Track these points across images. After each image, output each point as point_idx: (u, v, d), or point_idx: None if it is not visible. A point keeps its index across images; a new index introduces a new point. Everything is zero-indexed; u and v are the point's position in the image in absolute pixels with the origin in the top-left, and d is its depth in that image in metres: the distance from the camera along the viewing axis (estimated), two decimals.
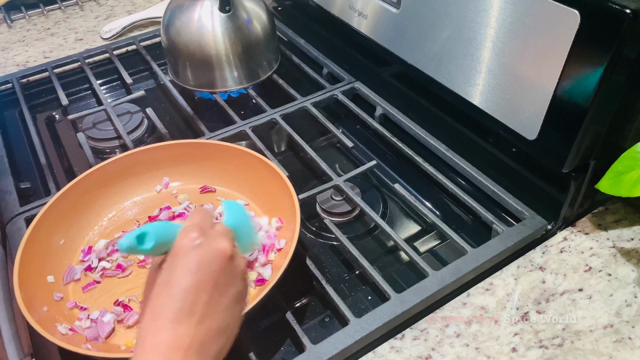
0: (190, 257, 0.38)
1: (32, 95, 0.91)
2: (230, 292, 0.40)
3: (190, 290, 0.37)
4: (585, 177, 0.58)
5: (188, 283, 0.37)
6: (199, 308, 0.37)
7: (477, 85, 0.61)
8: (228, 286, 0.39)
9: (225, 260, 0.39)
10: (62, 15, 1.13)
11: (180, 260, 0.38)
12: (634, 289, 0.55)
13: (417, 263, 0.56)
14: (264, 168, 0.63)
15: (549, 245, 0.60)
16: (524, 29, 0.53)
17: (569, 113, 0.52)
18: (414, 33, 0.68)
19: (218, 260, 0.39)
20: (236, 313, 0.41)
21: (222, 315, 0.39)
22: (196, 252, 0.38)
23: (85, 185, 0.62)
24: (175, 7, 0.81)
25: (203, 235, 0.39)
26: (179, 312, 0.37)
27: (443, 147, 0.70)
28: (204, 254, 0.38)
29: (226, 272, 0.39)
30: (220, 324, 0.39)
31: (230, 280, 0.40)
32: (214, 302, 0.38)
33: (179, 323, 0.36)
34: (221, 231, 0.41)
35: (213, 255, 0.39)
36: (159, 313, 0.37)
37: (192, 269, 0.38)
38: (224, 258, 0.39)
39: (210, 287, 0.38)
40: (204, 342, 0.37)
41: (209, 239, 0.39)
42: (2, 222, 0.66)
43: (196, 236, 0.39)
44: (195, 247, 0.38)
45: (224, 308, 0.39)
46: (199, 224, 0.40)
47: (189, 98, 0.85)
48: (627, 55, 0.47)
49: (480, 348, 0.51)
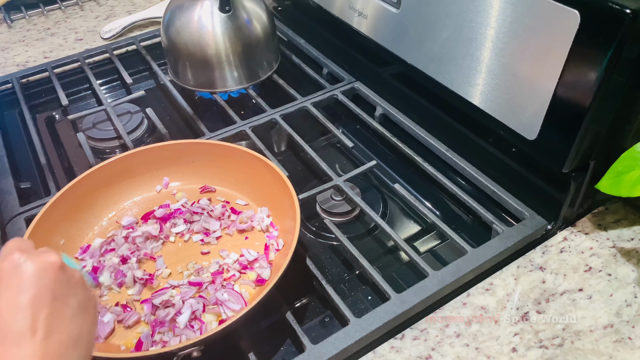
0: (19, 275, 0.36)
1: (32, 95, 0.91)
2: (72, 301, 0.38)
3: (26, 309, 0.35)
4: (585, 177, 0.58)
5: (22, 302, 0.35)
6: (42, 323, 0.35)
7: (477, 85, 0.61)
8: (68, 296, 0.38)
9: (58, 271, 0.37)
10: (62, 15, 1.13)
11: (7, 281, 0.36)
12: (634, 289, 0.55)
13: (417, 263, 0.56)
14: (264, 168, 0.63)
15: (549, 245, 0.60)
16: (524, 29, 0.53)
17: (569, 113, 0.52)
18: (414, 33, 0.68)
19: (50, 272, 0.37)
20: (88, 320, 0.39)
21: (71, 325, 0.37)
22: (22, 269, 0.36)
23: (85, 185, 0.62)
24: (175, 7, 0.81)
25: (26, 254, 0.37)
26: (19, 334, 0.34)
27: (443, 147, 0.70)
28: (32, 269, 0.36)
29: (62, 283, 0.37)
30: (71, 333, 0.37)
31: (70, 290, 0.38)
32: (58, 315, 0.36)
33: (22, 345, 0.34)
34: (44, 248, 0.39)
35: (42, 268, 0.37)
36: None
37: (23, 287, 0.36)
38: (55, 268, 0.37)
39: (48, 300, 0.36)
40: (59, 355, 0.35)
41: (33, 255, 0.37)
42: (2, 222, 0.66)
43: (19, 256, 0.37)
44: (20, 265, 0.36)
45: (70, 318, 0.37)
46: (17, 246, 0.38)
47: (189, 98, 0.85)
48: (627, 55, 0.47)
49: (480, 348, 0.51)
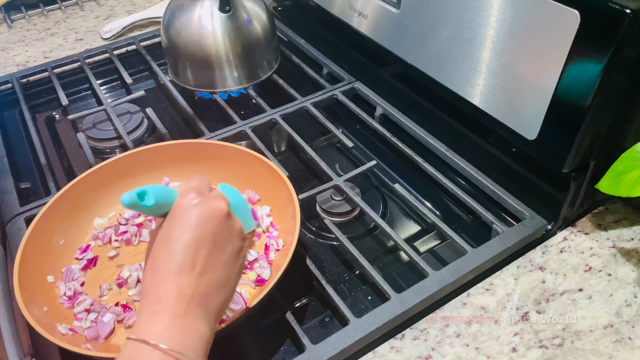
0: (190, 215, 0.40)
1: (32, 95, 0.91)
2: (229, 248, 0.42)
3: (190, 245, 0.39)
4: (585, 177, 0.58)
5: (188, 238, 0.39)
6: (200, 262, 0.39)
7: (477, 85, 0.61)
8: (226, 242, 0.41)
9: (223, 218, 0.41)
10: (62, 15, 1.13)
11: (180, 217, 0.40)
12: (634, 289, 0.55)
13: (417, 263, 0.56)
14: (264, 168, 0.63)
15: (549, 245, 0.60)
16: (524, 29, 0.53)
17: (569, 113, 0.52)
18: (414, 33, 0.68)
19: (215, 217, 0.40)
20: (235, 268, 0.43)
21: (222, 269, 0.41)
22: (195, 209, 0.40)
23: (85, 185, 0.62)
24: (175, 7, 0.81)
25: (200, 196, 0.41)
26: (181, 265, 0.38)
27: (443, 147, 0.70)
28: (202, 211, 0.40)
29: (224, 229, 0.41)
30: (221, 277, 0.40)
31: (228, 237, 0.42)
32: (214, 257, 0.40)
33: (181, 275, 0.38)
34: (218, 193, 0.43)
35: (211, 213, 0.40)
36: (161, 267, 0.39)
37: (192, 226, 0.39)
38: (221, 216, 0.41)
39: (209, 242, 0.40)
40: (206, 294, 0.39)
41: (206, 199, 0.41)
42: (2, 222, 0.66)
43: (194, 196, 0.40)
44: (193, 206, 0.40)
45: (224, 263, 0.41)
46: (196, 187, 0.42)
47: (189, 98, 0.85)
48: (627, 55, 0.47)
49: (480, 348, 0.51)
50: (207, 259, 0.39)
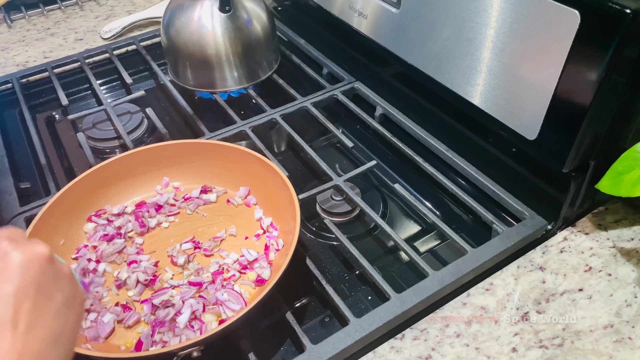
0: (3, 266, 0.35)
1: (32, 95, 0.91)
2: (58, 296, 0.37)
3: (9, 300, 0.34)
4: (585, 177, 0.58)
5: (6, 292, 0.34)
6: (23, 317, 0.34)
7: (477, 85, 0.61)
8: (53, 291, 0.36)
9: (45, 263, 0.36)
10: (62, 15, 1.13)
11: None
12: (634, 289, 0.55)
13: (417, 263, 0.56)
14: (264, 168, 0.63)
15: (549, 245, 0.60)
16: (524, 29, 0.53)
17: (569, 113, 0.52)
18: (414, 33, 0.68)
19: (36, 263, 0.36)
20: (71, 318, 0.38)
21: (53, 321, 0.36)
22: (10, 258, 0.35)
23: (85, 185, 0.62)
24: (175, 7, 0.81)
25: (14, 243, 0.36)
26: (0, 325, 0.33)
27: (443, 147, 0.70)
28: (19, 258, 0.35)
29: (48, 276, 0.36)
30: (53, 331, 0.35)
31: (56, 285, 0.37)
32: (40, 309, 0.35)
33: (2, 338, 0.33)
34: (34, 239, 0.38)
35: (30, 259, 0.36)
36: None
37: (8, 277, 0.34)
38: (42, 260, 0.36)
39: (32, 293, 0.35)
40: (36, 353, 0.34)
41: (22, 245, 0.36)
42: (2, 222, 0.66)
43: (7, 245, 0.36)
44: (7, 254, 0.35)
45: (54, 314, 0.36)
46: (7, 235, 0.37)
47: (189, 98, 0.85)
48: (627, 55, 0.47)
49: (480, 348, 0.51)
50: (33, 312, 0.34)
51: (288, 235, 0.58)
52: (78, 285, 0.40)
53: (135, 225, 0.63)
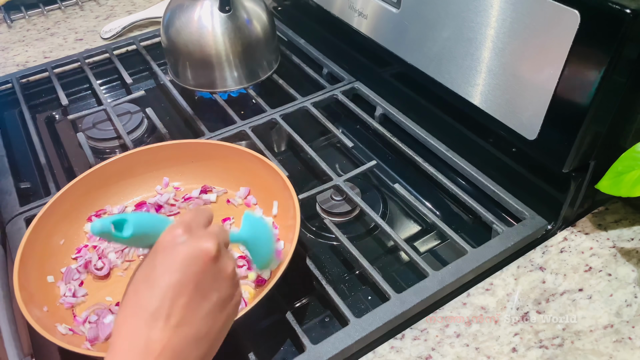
0: (171, 255, 0.36)
1: (32, 95, 0.91)
2: (213, 296, 0.37)
3: (168, 291, 0.35)
4: (585, 177, 0.58)
5: (167, 282, 0.35)
6: (177, 311, 0.35)
7: (477, 85, 0.61)
8: (211, 290, 0.37)
9: (209, 262, 0.37)
10: (62, 15, 1.14)
11: (161, 257, 0.36)
12: (634, 289, 0.55)
13: (417, 263, 0.56)
14: (264, 168, 0.63)
15: (549, 245, 0.60)
16: (524, 29, 0.53)
17: (569, 113, 0.52)
18: (414, 33, 0.68)
19: (200, 260, 0.36)
20: (220, 320, 0.38)
21: (202, 321, 0.36)
22: (178, 250, 0.36)
23: (85, 185, 0.62)
24: (175, 7, 0.81)
25: (188, 233, 0.37)
26: (154, 313, 0.34)
27: (443, 147, 0.70)
28: (185, 252, 0.36)
29: (209, 275, 0.37)
30: (199, 330, 0.36)
31: (214, 284, 0.37)
32: (194, 306, 0.36)
33: (153, 326, 0.34)
34: (209, 231, 0.39)
35: (195, 255, 0.36)
36: (132, 312, 0.35)
37: (171, 269, 0.35)
38: (206, 258, 0.36)
39: (190, 290, 0.35)
40: (179, 349, 0.35)
41: (194, 237, 0.37)
42: (2, 222, 0.66)
43: (180, 233, 0.37)
44: (177, 245, 0.36)
45: (205, 314, 0.36)
46: (188, 222, 0.38)
47: (189, 98, 0.85)
48: (627, 55, 0.47)
49: (480, 348, 0.51)
50: (186, 308, 0.35)
51: (288, 235, 0.58)
52: (237, 288, 0.40)
53: None
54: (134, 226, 0.37)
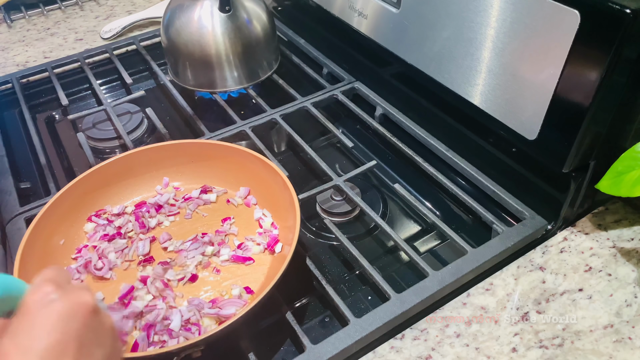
0: (46, 314, 0.32)
1: (32, 95, 0.91)
2: (98, 353, 0.34)
3: (47, 355, 0.31)
4: (585, 177, 0.58)
5: (44, 346, 0.31)
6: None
7: (477, 85, 0.61)
8: (95, 347, 0.34)
9: (89, 315, 0.34)
10: (62, 15, 1.14)
11: (32, 319, 0.32)
12: (634, 289, 0.55)
13: (417, 263, 0.56)
14: (264, 168, 0.63)
15: (549, 245, 0.60)
16: (524, 29, 0.53)
17: (569, 113, 0.52)
18: (414, 33, 0.68)
19: (80, 315, 0.33)
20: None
21: None
22: (52, 307, 0.33)
23: (85, 185, 0.62)
24: (175, 7, 0.81)
25: (59, 289, 0.34)
26: None
27: (443, 147, 0.70)
28: (62, 309, 0.33)
29: (91, 330, 0.34)
30: None
31: (98, 339, 0.34)
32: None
33: None
34: (80, 285, 0.36)
35: (74, 310, 0.33)
36: None
37: (49, 328, 0.32)
38: (86, 312, 0.34)
39: (73, 349, 0.32)
40: None
41: (67, 292, 0.34)
42: (2, 222, 0.66)
43: (51, 290, 0.33)
44: (50, 302, 0.33)
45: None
46: (53, 278, 0.34)
47: (189, 98, 0.85)
48: (627, 55, 0.47)
49: (480, 348, 0.51)
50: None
51: (288, 235, 0.58)
52: (119, 341, 0.38)
53: (135, 225, 0.62)
54: (1, 287, 0.34)
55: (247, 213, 0.65)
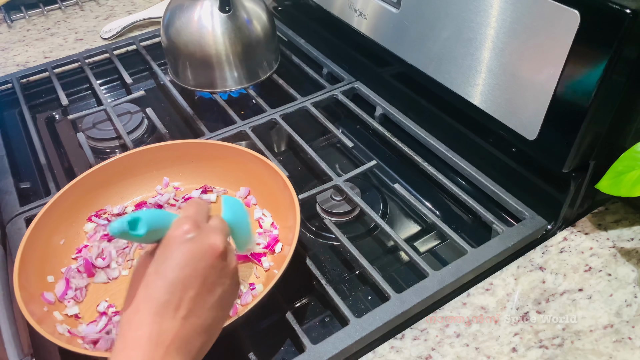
0: (181, 251, 0.38)
1: (32, 95, 0.91)
2: (218, 290, 0.39)
3: (177, 285, 0.37)
4: (585, 177, 0.58)
5: (176, 276, 0.37)
6: (185, 303, 0.37)
7: (477, 85, 0.61)
8: (216, 285, 0.39)
9: (216, 258, 0.39)
10: (62, 15, 1.14)
11: (171, 252, 0.38)
12: (634, 289, 0.55)
13: (417, 263, 0.56)
14: (264, 168, 0.63)
15: (549, 245, 0.60)
16: (524, 29, 0.53)
17: (569, 113, 0.52)
18: (414, 33, 0.68)
19: (208, 256, 0.38)
20: (222, 312, 0.41)
21: (208, 313, 0.39)
22: (187, 246, 0.38)
23: (85, 185, 0.62)
24: (175, 7, 0.81)
25: (196, 229, 0.39)
26: (164, 305, 0.36)
27: (443, 147, 0.70)
28: (195, 248, 0.38)
29: (216, 270, 0.39)
30: (205, 321, 0.38)
31: (219, 279, 0.39)
32: (201, 299, 0.38)
33: (163, 317, 0.36)
34: (215, 226, 0.41)
35: (204, 251, 0.38)
36: (143, 305, 0.37)
37: (182, 263, 0.37)
38: (214, 255, 0.39)
39: (198, 283, 0.38)
40: (187, 338, 0.37)
41: (202, 233, 0.39)
42: (2, 222, 0.66)
43: (189, 229, 0.38)
44: (186, 241, 0.38)
45: (210, 306, 0.39)
46: (193, 217, 0.40)
47: (189, 98, 0.85)
48: (627, 55, 0.47)
49: (480, 348, 0.51)
50: (194, 301, 0.37)
51: (288, 235, 0.58)
52: (238, 284, 0.43)
53: None
54: (147, 224, 0.38)
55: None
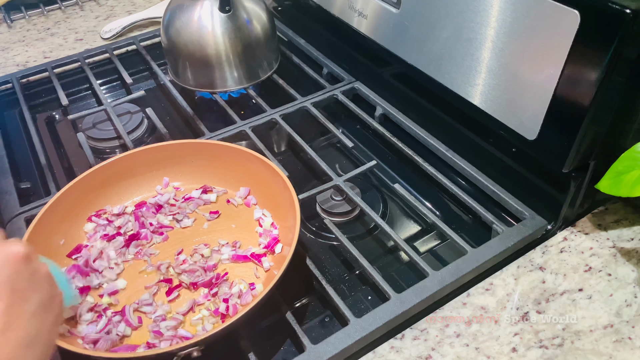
0: None
1: (32, 95, 0.91)
2: (34, 297, 0.36)
3: None
4: (585, 177, 0.58)
5: None
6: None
7: (477, 85, 0.61)
8: (29, 291, 0.36)
9: (20, 262, 0.36)
10: (62, 15, 1.14)
11: None
12: (634, 289, 0.55)
13: (417, 263, 0.56)
14: (264, 168, 0.63)
15: (549, 245, 0.60)
16: (524, 29, 0.53)
17: (569, 113, 0.52)
18: (414, 33, 0.68)
19: (10, 263, 0.35)
20: (48, 320, 0.37)
21: (29, 323, 0.35)
22: None
23: (85, 185, 0.62)
24: (175, 7, 0.81)
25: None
26: None
27: (443, 147, 0.70)
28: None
29: (23, 276, 0.36)
30: (28, 332, 0.35)
31: (32, 284, 0.36)
32: (15, 310, 0.34)
33: None
34: (13, 239, 0.38)
35: (4, 259, 0.35)
36: None
37: None
38: (17, 260, 0.36)
39: (7, 294, 0.34)
40: (11, 355, 0.33)
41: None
42: (2, 222, 0.66)
43: None
44: None
45: (30, 315, 0.35)
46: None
47: (189, 98, 0.85)
48: (627, 55, 0.47)
49: (480, 348, 0.51)
50: (7, 314, 0.33)
51: (288, 235, 0.58)
52: (56, 286, 0.40)
53: (135, 225, 0.63)
54: None
55: (247, 213, 0.65)
